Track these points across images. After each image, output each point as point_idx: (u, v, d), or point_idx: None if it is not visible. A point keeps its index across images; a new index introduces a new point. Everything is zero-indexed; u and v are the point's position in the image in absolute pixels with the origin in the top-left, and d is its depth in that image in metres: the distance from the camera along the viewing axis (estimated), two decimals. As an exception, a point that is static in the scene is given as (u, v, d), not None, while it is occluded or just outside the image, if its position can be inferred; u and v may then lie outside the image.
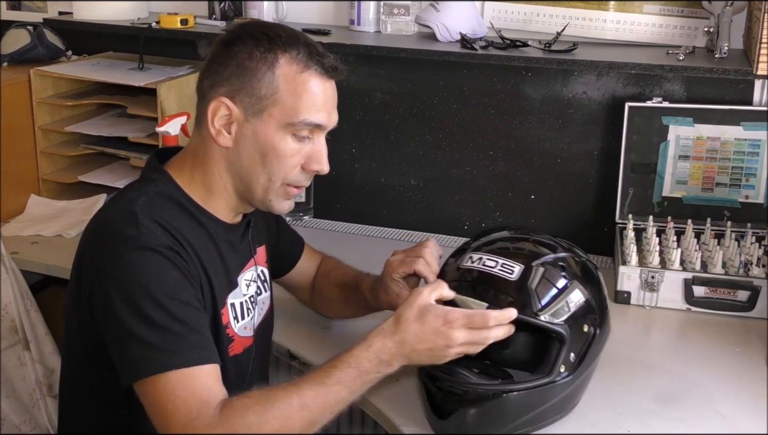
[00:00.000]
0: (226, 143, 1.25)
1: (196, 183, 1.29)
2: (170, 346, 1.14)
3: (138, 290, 1.15)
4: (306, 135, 1.26)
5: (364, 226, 2.28)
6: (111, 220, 1.23)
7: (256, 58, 1.22)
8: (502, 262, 1.31)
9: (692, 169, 1.97)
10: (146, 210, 1.21)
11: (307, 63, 1.24)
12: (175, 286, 1.18)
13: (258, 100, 1.23)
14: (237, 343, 1.35)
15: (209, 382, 1.15)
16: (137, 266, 1.16)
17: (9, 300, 1.88)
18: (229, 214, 1.33)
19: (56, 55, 2.36)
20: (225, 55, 1.25)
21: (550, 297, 1.28)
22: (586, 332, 1.31)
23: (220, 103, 1.24)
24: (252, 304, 1.40)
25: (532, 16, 2.10)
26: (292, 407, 1.14)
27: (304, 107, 1.24)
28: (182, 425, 1.11)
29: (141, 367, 1.14)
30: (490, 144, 2.16)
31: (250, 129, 1.24)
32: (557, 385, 1.29)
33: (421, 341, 1.19)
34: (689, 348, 1.65)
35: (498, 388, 1.27)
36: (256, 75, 1.22)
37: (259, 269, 1.43)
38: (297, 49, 1.24)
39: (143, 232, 1.18)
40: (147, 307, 1.14)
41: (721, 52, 1.89)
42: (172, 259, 1.19)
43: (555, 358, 1.28)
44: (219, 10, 2.30)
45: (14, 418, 1.92)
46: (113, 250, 1.18)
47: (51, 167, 2.30)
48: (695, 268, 1.77)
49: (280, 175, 1.27)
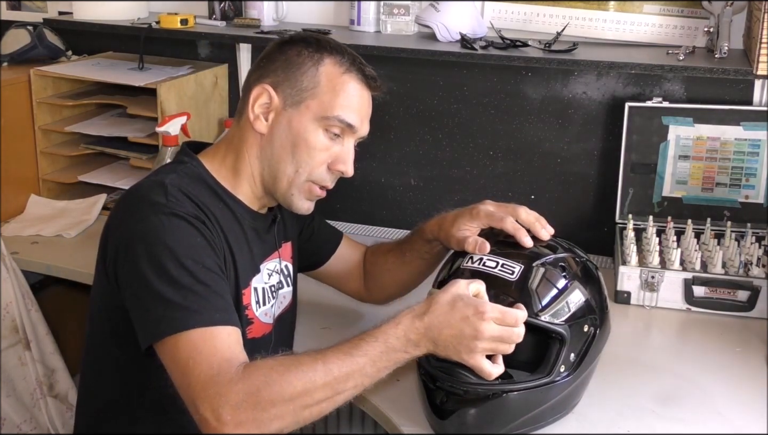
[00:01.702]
0: (261, 129, 1.31)
1: (226, 167, 1.35)
2: (193, 306, 1.15)
3: (164, 251, 1.17)
4: (337, 132, 1.32)
5: (364, 226, 2.28)
6: (140, 190, 1.28)
7: (304, 55, 1.31)
8: (502, 263, 1.31)
9: (692, 169, 1.97)
10: (175, 182, 1.26)
11: (349, 68, 1.32)
12: (200, 251, 1.20)
13: (298, 92, 1.29)
14: (256, 327, 1.37)
15: (230, 342, 1.15)
16: (164, 229, 1.19)
17: (10, 300, 1.89)
18: (254, 202, 1.37)
19: (56, 55, 2.36)
20: (276, 53, 1.33)
21: (550, 297, 1.28)
22: (586, 332, 1.31)
23: (263, 90, 1.30)
24: (273, 294, 1.42)
25: (532, 16, 2.10)
26: (316, 372, 1.12)
27: (339, 105, 1.30)
28: (203, 381, 1.10)
29: (164, 325, 1.15)
30: (490, 144, 2.16)
31: (287, 118, 1.30)
32: (557, 385, 1.29)
33: (449, 326, 1.17)
34: (689, 348, 1.65)
35: (498, 388, 1.27)
36: (300, 69, 1.30)
37: (283, 263, 1.45)
38: (342, 55, 1.32)
39: (171, 200, 1.22)
40: (172, 268, 1.16)
41: (721, 52, 1.89)
42: (197, 226, 1.22)
43: (555, 358, 1.28)
44: (219, 10, 2.30)
45: (15, 418, 1.92)
46: (141, 214, 1.22)
47: (51, 167, 2.30)
48: (695, 268, 1.77)
49: (307, 168, 1.31)
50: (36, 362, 1.93)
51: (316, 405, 1.12)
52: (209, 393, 1.09)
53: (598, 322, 1.34)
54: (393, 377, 1.41)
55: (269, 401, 1.09)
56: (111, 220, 1.29)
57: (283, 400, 1.09)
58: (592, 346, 1.33)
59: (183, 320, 1.14)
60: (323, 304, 1.75)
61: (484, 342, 1.18)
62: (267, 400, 1.09)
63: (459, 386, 1.27)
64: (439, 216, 1.49)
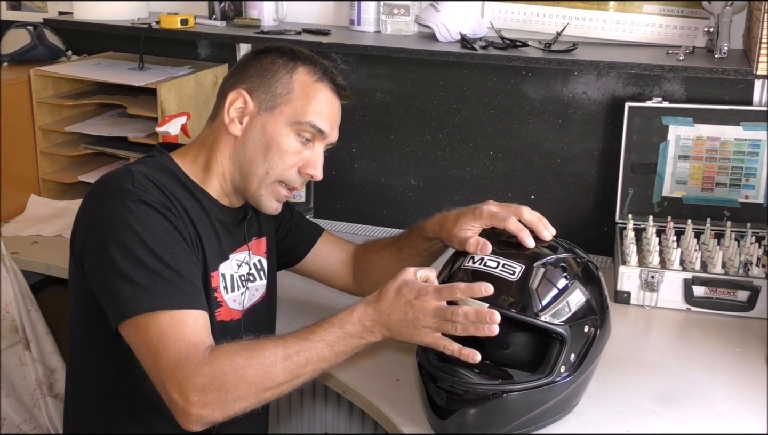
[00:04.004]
0: (236, 132, 1.36)
1: (197, 165, 1.39)
2: (161, 290, 1.20)
3: (131, 236, 1.21)
4: (308, 137, 1.37)
5: (364, 226, 2.28)
6: (107, 178, 1.32)
7: (278, 64, 1.36)
8: (503, 263, 1.31)
9: (692, 169, 1.97)
10: (142, 171, 1.30)
11: (322, 77, 1.37)
12: (167, 236, 1.25)
13: (273, 97, 1.35)
14: (225, 310, 1.39)
15: (197, 327, 1.21)
16: (131, 214, 1.23)
17: (9, 300, 1.89)
18: (223, 198, 1.40)
19: (56, 55, 2.36)
20: (252, 60, 1.39)
21: (551, 297, 1.28)
22: (586, 333, 1.31)
23: (238, 95, 1.35)
24: (242, 283, 1.44)
25: (532, 16, 2.10)
26: (277, 356, 1.19)
27: (311, 111, 1.35)
28: (172, 365, 1.16)
29: (131, 305, 1.19)
30: (490, 144, 2.16)
31: (261, 122, 1.35)
32: (557, 385, 1.29)
33: (396, 311, 1.23)
34: (689, 348, 1.65)
35: (498, 388, 1.27)
36: (275, 76, 1.35)
37: (255, 258, 1.48)
38: (315, 65, 1.38)
39: (138, 187, 1.26)
40: (140, 252, 1.21)
41: (721, 52, 1.89)
42: (164, 213, 1.26)
43: (555, 359, 1.28)
44: (219, 10, 2.30)
45: (15, 418, 1.92)
46: (108, 201, 1.26)
47: (51, 167, 2.30)
48: (695, 268, 1.77)
49: (278, 170, 1.36)
50: (36, 362, 1.93)
51: (277, 387, 1.20)
52: (177, 376, 1.16)
53: (598, 322, 1.34)
54: (393, 377, 1.41)
55: (233, 384, 1.16)
56: (80, 210, 1.32)
57: (246, 382, 1.17)
58: (593, 346, 1.33)
59: (150, 302, 1.19)
60: (323, 304, 1.75)
61: (427, 319, 1.22)
62: (231, 382, 1.16)
63: (459, 386, 1.27)
64: (441, 214, 1.50)
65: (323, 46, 2.07)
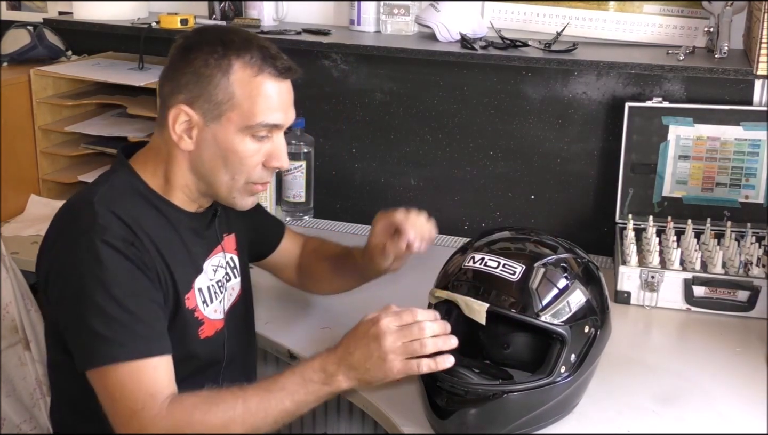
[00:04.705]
0: (188, 147, 1.30)
1: (158, 177, 1.34)
2: (118, 338, 1.19)
3: (89, 280, 1.20)
4: (265, 135, 1.30)
5: (365, 226, 2.28)
6: (69, 211, 1.30)
7: (211, 65, 1.26)
8: (503, 263, 1.31)
9: (692, 169, 1.97)
10: (104, 200, 1.26)
11: (261, 66, 1.27)
12: (127, 277, 1.22)
13: (216, 106, 1.27)
14: (207, 326, 1.38)
15: (156, 375, 1.20)
16: (90, 256, 1.21)
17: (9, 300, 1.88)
18: (190, 205, 1.37)
19: (56, 55, 2.36)
20: (182, 62, 1.29)
21: (551, 297, 1.28)
22: (586, 333, 1.31)
23: (179, 111, 1.27)
24: (220, 289, 1.42)
25: (532, 16, 2.10)
26: (235, 410, 1.19)
27: (260, 110, 1.27)
28: (128, 416, 1.18)
29: (90, 357, 1.20)
30: (490, 144, 2.16)
31: (210, 133, 1.28)
32: (558, 385, 1.29)
33: (357, 348, 1.23)
34: (689, 348, 1.65)
35: (498, 389, 1.27)
36: (212, 81, 1.26)
37: (228, 256, 1.46)
38: (250, 54, 1.27)
39: (98, 223, 1.23)
40: (98, 296, 1.19)
41: (721, 52, 1.89)
42: (124, 251, 1.23)
43: (556, 359, 1.28)
44: (219, 10, 2.30)
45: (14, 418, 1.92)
46: (68, 240, 1.24)
47: (51, 167, 2.30)
48: (695, 268, 1.77)
49: (243, 175, 1.31)
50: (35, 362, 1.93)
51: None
52: (133, 426, 1.17)
53: (599, 323, 1.34)
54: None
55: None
56: (44, 239, 1.31)
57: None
58: (593, 346, 1.33)
59: (108, 354, 1.19)
60: (323, 304, 1.75)
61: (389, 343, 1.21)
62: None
63: (460, 386, 1.27)
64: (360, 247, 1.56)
65: (323, 46, 2.07)
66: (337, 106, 2.26)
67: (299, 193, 2.23)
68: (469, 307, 1.29)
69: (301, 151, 2.21)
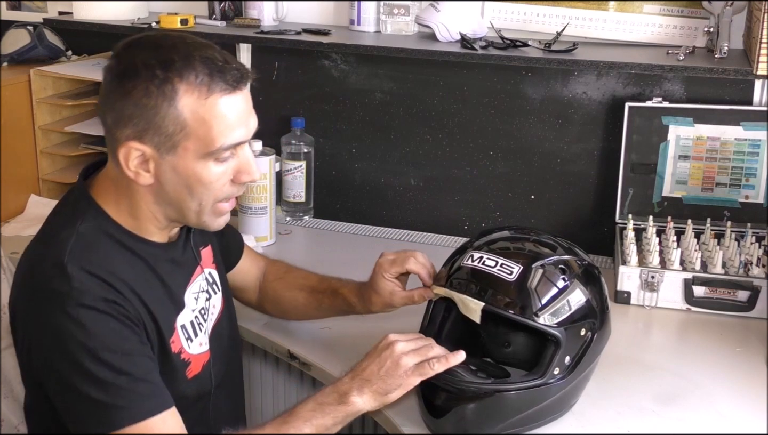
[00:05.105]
0: (146, 181, 1.19)
1: (124, 212, 1.23)
2: (119, 401, 1.12)
3: (77, 348, 1.12)
4: (228, 155, 1.19)
5: (364, 226, 2.28)
6: (41, 275, 1.17)
7: (154, 94, 1.12)
8: (501, 262, 1.31)
9: (692, 169, 1.97)
10: (75, 258, 1.15)
11: (210, 84, 1.13)
12: (114, 337, 1.14)
13: (167, 138, 1.14)
14: (194, 364, 1.32)
15: (165, 429, 1.15)
16: (73, 325, 1.12)
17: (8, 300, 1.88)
18: (163, 235, 1.28)
19: (56, 55, 2.36)
20: (120, 91, 1.14)
21: (548, 299, 1.28)
22: (582, 336, 1.31)
23: (129, 148, 1.15)
24: (203, 316, 1.36)
25: (532, 16, 2.10)
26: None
27: (217, 133, 1.15)
28: None
29: (93, 427, 1.13)
30: (490, 144, 2.16)
31: (168, 165, 1.17)
32: (551, 387, 1.29)
33: (371, 363, 1.26)
34: (689, 348, 1.64)
35: (490, 388, 1.28)
36: (158, 113, 1.13)
37: (206, 273, 1.39)
38: (194, 72, 1.13)
39: (75, 288, 1.13)
40: (89, 364, 1.11)
41: (721, 52, 1.89)
42: (107, 311, 1.14)
43: (549, 361, 1.28)
44: (219, 10, 2.30)
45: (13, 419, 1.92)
46: (46, 310, 1.14)
47: (51, 167, 2.30)
48: (695, 268, 1.77)
49: (211, 198, 1.21)
50: (36, 362, 1.93)
51: None
52: None
53: (596, 326, 1.33)
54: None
55: None
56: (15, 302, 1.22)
57: None
58: (589, 349, 1.32)
59: (112, 420, 1.12)
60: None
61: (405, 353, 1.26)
62: None
63: (453, 384, 1.28)
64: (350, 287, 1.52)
65: (323, 46, 2.07)
66: (337, 106, 2.26)
67: (299, 193, 2.23)
68: (465, 305, 1.30)
69: (301, 151, 2.21)
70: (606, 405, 1.41)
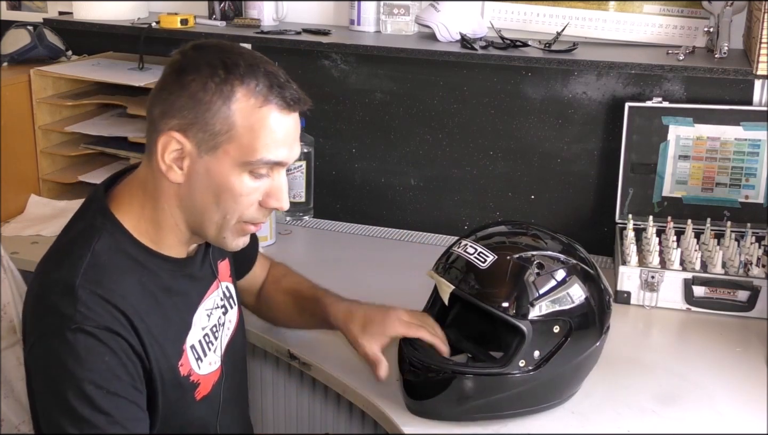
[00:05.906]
0: (177, 179, 1.16)
1: (146, 220, 1.21)
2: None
3: (65, 377, 1.10)
4: (265, 172, 1.18)
5: (364, 226, 2.28)
6: (50, 293, 1.14)
7: (211, 90, 1.12)
8: (480, 251, 1.34)
9: (692, 169, 1.97)
10: (87, 281, 1.13)
11: (267, 96, 1.14)
12: (105, 373, 1.11)
13: (212, 136, 1.13)
14: (203, 385, 1.29)
15: None
16: (66, 350, 1.10)
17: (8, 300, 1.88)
18: (182, 250, 1.26)
19: (56, 55, 2.36)
20: (177, 84, 1.14)
21: (517, 291, 1.29)
22: (556, 333, 1.31)
23: (170, 138, 1.14)
24: (214, 333, 1.32)
25: (532, 16, 2.10)
26: None
27: (261, 145, 1.14)
28: None
29: None
30: (490, 144, 2.16)
31: (204, 166, 1.15)
32: (514, 378, 1.30)
33: None
34: (689, 348, 1.65)
35: (449, 368, 1.32)
36: (210, 109, 1.12)
37: (223, 287, 1.36)
38: (256, 81, 1.13)
39: (80, 311, 1.10)
40: (70, 395, 1.09)
41: (721, 52, 1.89)
42: (107, 342, 1.11)
43: (514, 352, 1.30)
44: (219, 10, 2.30)
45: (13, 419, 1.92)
46: (47, 329, 1.12)
47: (51, 167, 2.30)
48: (695, 268, 1.77)
49: (236, 214, 1.19)
50: (35, 362, 1.93)
51: None
52: None
53: (574, 324, 1.32)
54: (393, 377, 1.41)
55: None
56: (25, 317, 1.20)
57: None
58: (564, 347, 1.31)
59: None
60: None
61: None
62: None
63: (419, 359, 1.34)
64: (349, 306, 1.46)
65: (323, 46, 2.07)
66: (337, 106, 2.26)
67: (299, 193, 2.23)
68: (440, 286, 1.36)
69: (301, 151, 2.21)
70: (606, 405, 1.41)
